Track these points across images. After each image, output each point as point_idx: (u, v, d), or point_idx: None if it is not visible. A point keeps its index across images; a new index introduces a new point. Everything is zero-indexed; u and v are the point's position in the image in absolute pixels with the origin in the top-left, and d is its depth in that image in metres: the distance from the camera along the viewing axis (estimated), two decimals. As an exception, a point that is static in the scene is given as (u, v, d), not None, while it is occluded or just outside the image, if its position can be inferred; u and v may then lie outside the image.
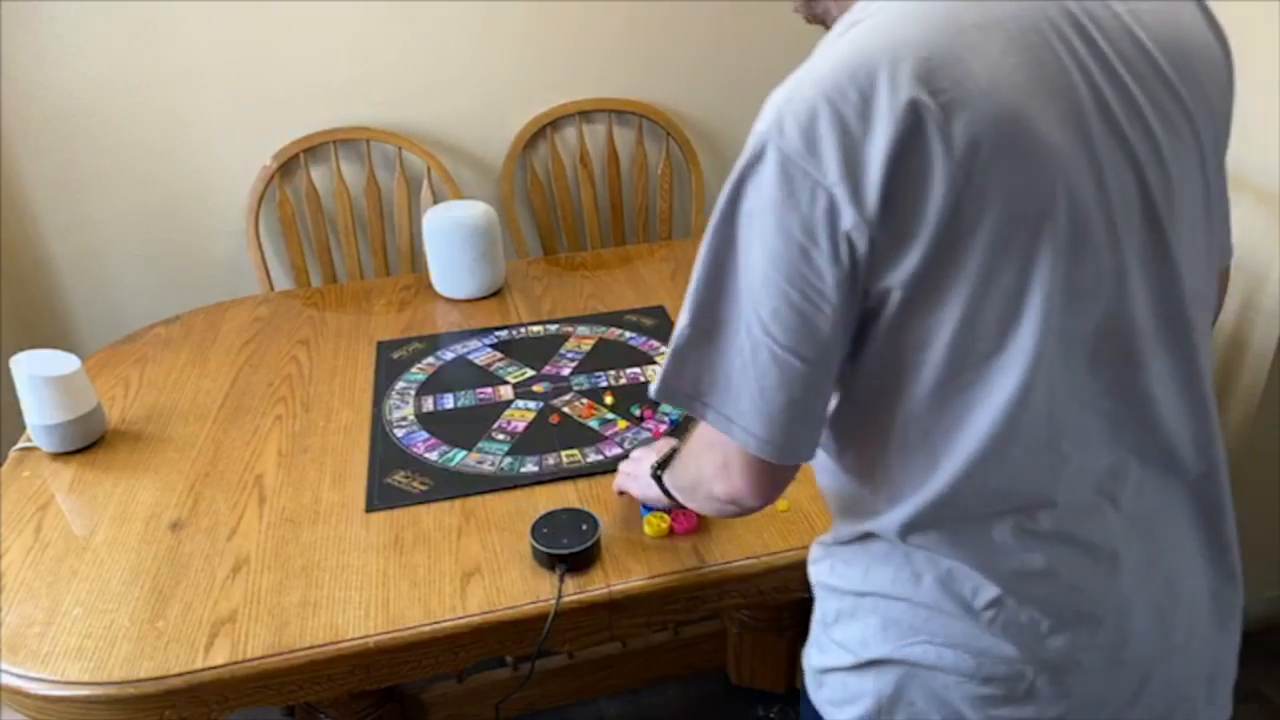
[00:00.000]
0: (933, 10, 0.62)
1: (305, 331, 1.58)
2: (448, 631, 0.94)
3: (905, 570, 0.72)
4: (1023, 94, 0.60)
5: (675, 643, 1.75)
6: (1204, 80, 0.69)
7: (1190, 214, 0.68)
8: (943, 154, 0.58)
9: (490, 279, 1.67)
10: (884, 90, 0.58)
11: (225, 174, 1.97)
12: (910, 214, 0.60)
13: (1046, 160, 0.60)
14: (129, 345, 1.55)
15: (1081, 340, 0.65)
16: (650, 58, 2.11)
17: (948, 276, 0.61)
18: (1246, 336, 1.59)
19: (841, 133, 0.59)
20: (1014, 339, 0.62)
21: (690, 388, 0.69)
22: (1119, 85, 0.64)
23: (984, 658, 0.70)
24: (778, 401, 0.66)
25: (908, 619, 0.72)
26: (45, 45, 1.78)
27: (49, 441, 1.24)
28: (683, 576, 1.00)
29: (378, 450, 1.23)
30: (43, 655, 0.92)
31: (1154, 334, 0.67)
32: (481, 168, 2.11)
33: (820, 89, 0.60)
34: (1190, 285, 0.68)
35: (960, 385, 0.65)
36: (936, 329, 0.63)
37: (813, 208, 0.60)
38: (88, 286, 2.00)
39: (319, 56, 1.92)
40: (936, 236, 0.60)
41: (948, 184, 0.59)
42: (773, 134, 0.62)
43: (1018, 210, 0.60)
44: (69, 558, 1.06)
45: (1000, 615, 0.69)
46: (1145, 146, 0.65)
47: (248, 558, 1.04)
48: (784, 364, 0.64)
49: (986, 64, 0.60)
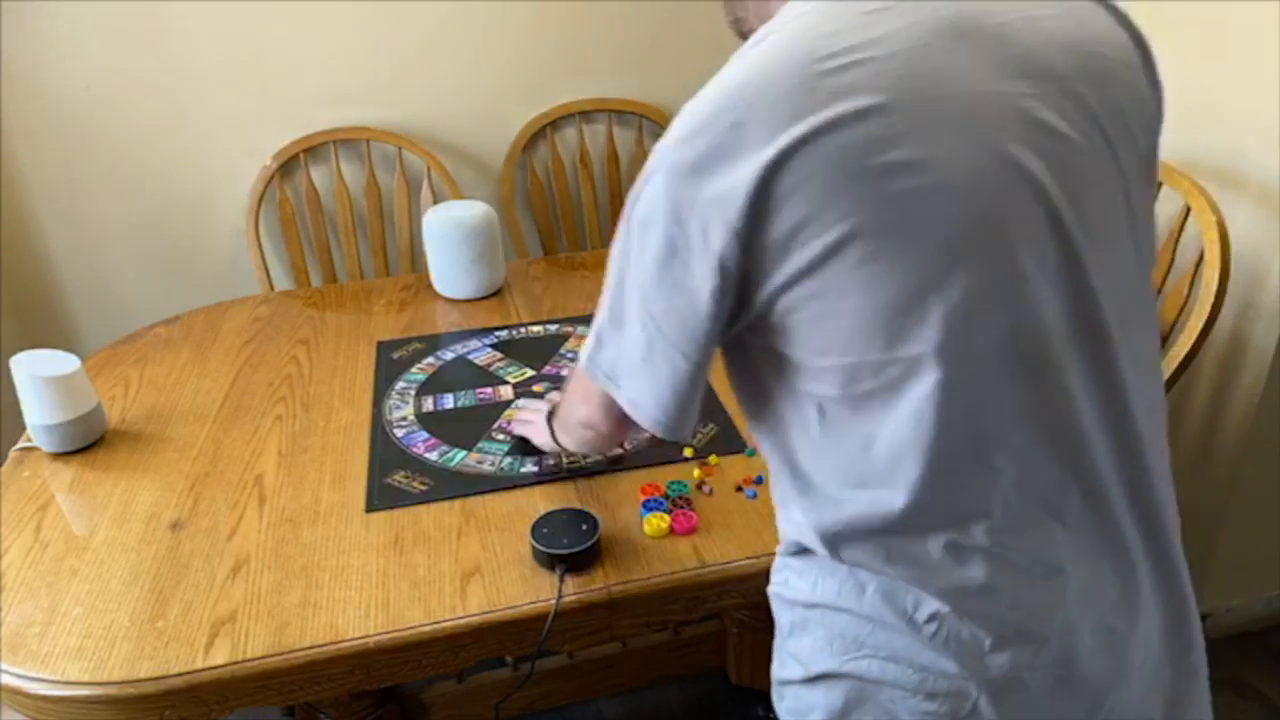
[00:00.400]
0: (818, 31, 0.64)
1: (305, 331, 1.58)
2: (448, 631, 0.94)
3: (849, 582, 0.72)
4: (897, 112, 0.61)
5: (675, 643, 1.75)
6: (1113, 84, 0.69)
7: (1107, 220, 0.68)
8: (809, 177, 0.60)
9: (490, 279, 1.67)
10: (755, 119, 0.61)
11: (225, 174, 1.97)
12: (780, 232, 0.62)
13: (926, 173, 0.61)
14: (129, 345, 1.55)
15: (993, 350, 0.64)
16: (650, 58, 2.11)
17: (830, 290, 0.63)
18: (1246, 336, 1.59)
19: (718, 156, 0.63)
20: (911, 349, 0.63)
21: (608, 367, 0.77)
22: (1014, 94, 0.64)
23: (927, 673, 0.69)
24: (668, 393, 0.73)
25: (852, 632, 0.72)
26: (45, 45, 1.78)
27: (49, 441, 1.24)
28: (683, 576, 1.00)
29: (378, 450, 1.23)
30: (43, 655, 0.92)
31: (1069, 343, 0.66)
32: (481, 168, 2.11)
33: (707, 111, 0.64)
34: (1107, 292, 0.67)
35: (864, 395, 0.66)
36: (827, 341, 0.65)
37: (692, 226, 0.65)
38: (88, 287, 2.00)
39: (319, 56, 1.92)
40: (809, 252, 0.62)
41: (818, 202, 0.61)
42: (664, 148, 0.66)
43: (896, 223, 0.61)
44: (69, 558, 1.06)
45: (941, 630, 0.69)
46: (1044, 154, 0.64)
47: (248, 558, 1.04)
48: (673, 361, 0.71)
49: (864, 83, 0.61)
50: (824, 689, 0.75)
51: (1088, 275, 0.66)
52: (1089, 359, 0.67)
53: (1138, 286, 0.72)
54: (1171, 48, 1.61)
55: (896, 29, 0.63)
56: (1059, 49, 0.66)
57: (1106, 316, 0.67)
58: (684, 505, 1.08)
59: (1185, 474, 1.73)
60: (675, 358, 0.71)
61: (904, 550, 0.69)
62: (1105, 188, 0.68)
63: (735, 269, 0.65)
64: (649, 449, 1.21)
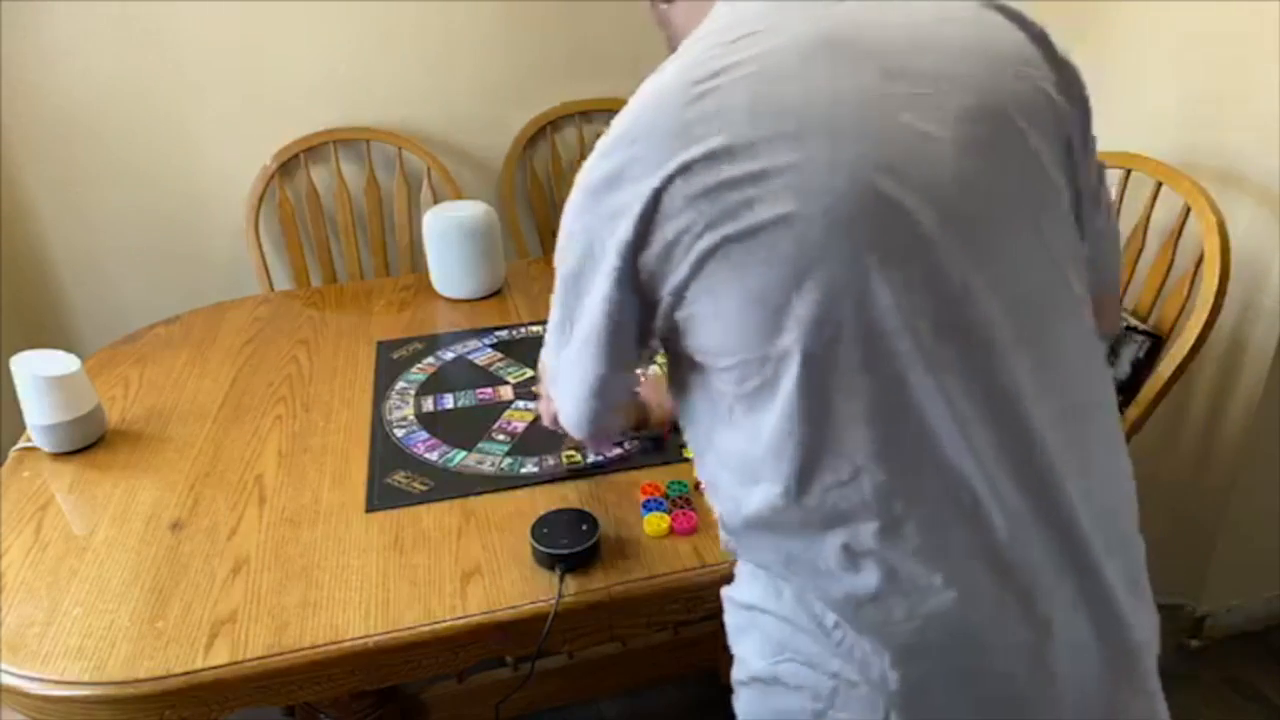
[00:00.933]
0: (707, 55, 0.68)
1: (305, 331, 1.58)
2: (448, 631, 0.94)
3: (771, 585, 0.74)
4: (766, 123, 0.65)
5: (675, 643, 1.75)
6: (1005, 82, 0.69)
7: (997, 220, 0.68)
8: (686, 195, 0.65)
9: (490, 279, 1.67)
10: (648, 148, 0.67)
11: (225, 174, 1.97)
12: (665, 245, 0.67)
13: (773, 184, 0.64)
14: (129, 345, 1.55)
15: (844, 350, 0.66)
16: (650, 58, 2.09)
17: (713, 291, 0.68)
18: (1246, 336, 1.59)
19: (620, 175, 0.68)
20: (780, 346, 0.66)
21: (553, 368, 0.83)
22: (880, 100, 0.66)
23: (838, 680, 0.70)
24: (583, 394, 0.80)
25: (778, 634, 0.74)
26: (45, 45, 1.78)
27: (49, 441, 1.24)
28: (683, 576, 1.00)
29: (378, 450, 1.23)
30: (43, 655, 0.92)
31: (932, 343, 0.65)
32: (481, 168, 2.11)
33: (617, 132, 0.70)
34: (991, 291, 0.66)
35: (752, 393, 0.70)
36: (720, 340, 0.70)
37: (597, 235, 0.71)
38: (88, 286, 2.00)
39: (319, 56, 1.92)
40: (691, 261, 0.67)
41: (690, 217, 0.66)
42: (586, 165, 0.72)
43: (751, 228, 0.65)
44: (69, 558, 1.06)
45: (845, 639, 0.69)
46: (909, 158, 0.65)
47: (248, 558, 1.04)
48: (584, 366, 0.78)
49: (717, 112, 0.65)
50: (759, 691, 0.77)
51: (954, 276, 0.66)
52: (962, 359, 0.66)
53: (1051, 285, 0.71)
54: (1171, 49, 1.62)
55: (766, 49, 0.67)
56: (939, 53, 0.68)
57: (988, 316, 0.66)
58: (684, 505, 1.08)
59: (1185, 474, 1.73)
60: (587, 363, 0.77)
61: (801, 554, 0.70)
62: (995, 187, 0.68)
63: (631, 278, 0.70)
64: (648, 448, 1.21)
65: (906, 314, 0.65)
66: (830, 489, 0.67)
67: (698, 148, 0.65)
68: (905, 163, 0.65)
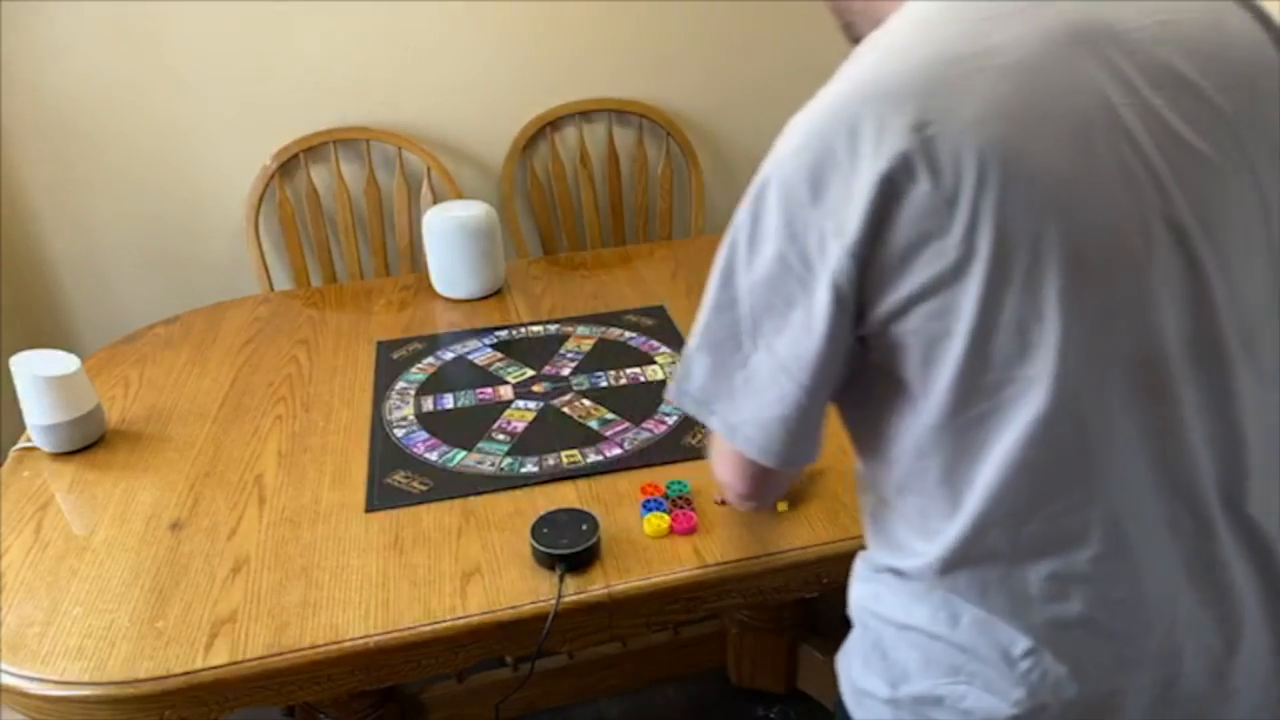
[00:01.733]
0: (929, 40, 0.62)
1: (305, 331, 1.58)
2: (448, 631, 0.94)
3: (943, 611, 0.70)
4: (1016, 123, 0.59)
5: (675, 643, 1.75)
6: (1253, 88, 0.65)
7: (1239, 234, 0.64)
8: (930, 189, 0.59)
9: (490, 279, 1.67)
10: (871, 128, 0.60)
11: (225, 174, 1.97)
12: (898, 250, 0.60)
13: (1040, 189, 0.59)
14: (129, 345, 1.55)
15: (1107, 374, 0.62)
16: (650, 58, 2.11)
17: (945, 309, 0.61)
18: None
19: (832, 168, 0.61)
20: (1027, 370, 0.61)
21: (699, 393, 0.73)
22: (1140, 105, 0.61)
23: (1021, 708, 0.67)
24: (773, 415, 0.69)
25: (948, 659, 0.70)
26: (44, 46, 1.78)
27: (49, 441, 1.24)
28: (683, 576, 1.00)
29: (378, 450, 1.23)
30: (43, 655, 0.92)
31: (1186, 365, 0.63)
32: (481, 168, 2.11)
33: (817, 122, 0.63)
34: (1233, 309, 0.63)
35: (974, 418, 0.63)
36: (939, 360, 0.63)
37: (806, 240, 0.63)
38: (88, 287, 2.00)
39: (319, 56, 1.92)
40: (927, 271, 0.60)
41: (935, 218, 0.59)
42: (776, 162, 0.64)
43: (1012, 241, 0.59)
44: (69, 558, 1.06)
45: (1037, 668, 0.67)
46: (1172, 166, 0.61)
47: (248, 558, 1.04)
48: (779, 383, 0.68)
49: (979, 94, 0.59)
50: (910, 709, 0.73)
51: (1213, 292, 0.62)
52: (1205, 382, 0.64)
53: (1270, 302, 0.67)
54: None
55: (1016, 36, 0.61)
56: (1191, 55, 0.63)
57: (1229, 335, 0.63)
58: (684, 505, 1.08)
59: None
60: (783, 381, 0.68)
61: (1003, 583, 0.66)
62: (1239, 199, 0.64)
63: (850, 287, 0.62)
64: (650, 448, 1.21)
65: (1170, 333, 0.62)
66: (1060, 518, 0.64)
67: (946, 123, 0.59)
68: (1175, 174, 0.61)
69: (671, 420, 1.27)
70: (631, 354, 1.45)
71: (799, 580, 1.04)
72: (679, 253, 1.85)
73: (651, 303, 1.62)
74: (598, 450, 1.21)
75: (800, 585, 1.04)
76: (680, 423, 1.26)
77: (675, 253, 1.86)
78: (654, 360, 1.43)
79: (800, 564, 1.02)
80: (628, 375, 1.39)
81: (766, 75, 2.18)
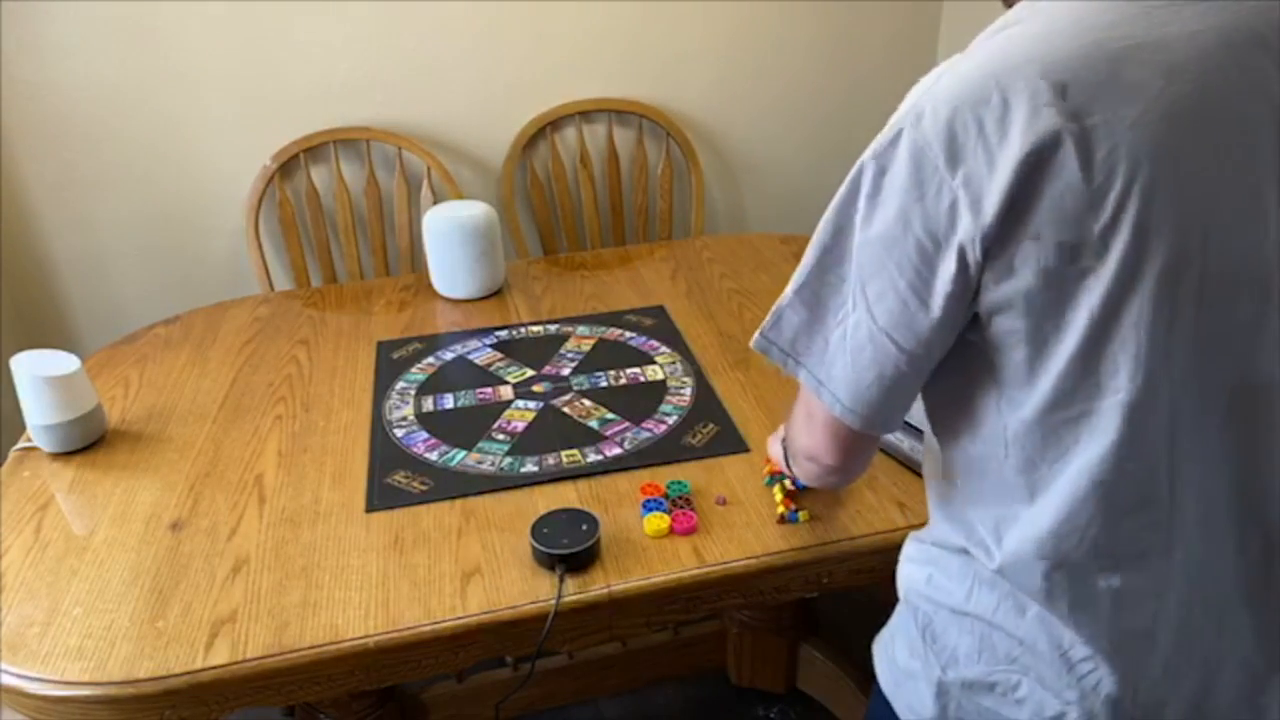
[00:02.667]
0: (1094, 27, 0.58)
1: (305, 331, 1.58)
2: (448, 631, 0.94)
3: (1009, 601, 0.69)
4: (1177, 128, 0.56)
5: (675, 643, 1.75)
6: None
7: None
8: (1077, 180, 0.56)
9: (490, 279, 1.67)
10: (1024, 104, 0.57)
11: (225, 174, 1.97)
12: (1030, 235, 0.58)
13: (1191, 200, 0.56)
14: (129, 345, 1.55)
15: (1213, 393, 0.60)
16: (650, 58, 2.11)
17: (1064, 304, 0.59)
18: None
19: (976, 137, 0.58)
20: (1133, 381, 0.59)
21: (788, 345, 0.72)
22: None
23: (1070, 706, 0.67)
24: (867, 376, 0.67)
25: (1006, 648, 0.69)
26: (45, 46, 1.78)
27: (49, 441, 1.24)
28: (682, 576, 1.00)
29: (378, 450, 1.23)
30: (43, 655, 0.92)
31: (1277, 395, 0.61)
32: (481, 168, 2.11)
33: (964, 88, 0.59)
34: None
35: (1069, 419, 0.62)
36: (1048, 355, 0.61)
37: (936, 204, 0.60)
38: (88, 286, 2.00)
39: (319, 57, 1.92)
40: (1056, 262, 0.58)
41: (1076, 211, 0.57)
42: (909, 122, 0.61)
43: (1150, 249, 0.57)
44: (69, 558, 1.06)
45: (1094, 674, 0.67)
46: None
47: (248, 558, 1.04)
48: (879, 344, 0.65)
49: (1146, 92, 0.56)
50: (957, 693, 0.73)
51: None
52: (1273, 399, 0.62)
53: None
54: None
55: (1192, 31, 0.57)
56: None
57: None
58: (684, 505, 1.08)
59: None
60: (885, 344, 0.65)
61: (1070, 587, 0.66)
62: None
63: (976, 261, 0.60)
64: (650, 448, 1.21)
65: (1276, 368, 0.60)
66: (1137, 529, 0.63)
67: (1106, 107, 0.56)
68: None
69: (671, 420, 1.27)
70: (631, 354, 1.45)
71: (799, 580, 1.04)
72: (679, 253, 1.85)
73: (651, 303, 1.62)
74: (598, 450, 1.21)
75: (800, 585, 1.04)
76: (680, 423, 1.26)
77: (675, 253, 1.86)
78: (654, 360, 1.43)
79: (800, 564, 1.02)
80: (628, 375, 1.39)
81: (767, 76, 2.18)
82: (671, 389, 1.35)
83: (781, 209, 2.31)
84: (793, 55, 2.17)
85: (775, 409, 1.28)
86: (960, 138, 0.58)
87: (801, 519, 1.06)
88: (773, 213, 2.31)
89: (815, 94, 2.22)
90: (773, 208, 2.31)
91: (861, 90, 2.25)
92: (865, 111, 2.26)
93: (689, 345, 1.46)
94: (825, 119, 2.25)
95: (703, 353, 1.44)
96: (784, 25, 2.13)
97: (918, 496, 1.09)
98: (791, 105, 2.22)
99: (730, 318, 1.55)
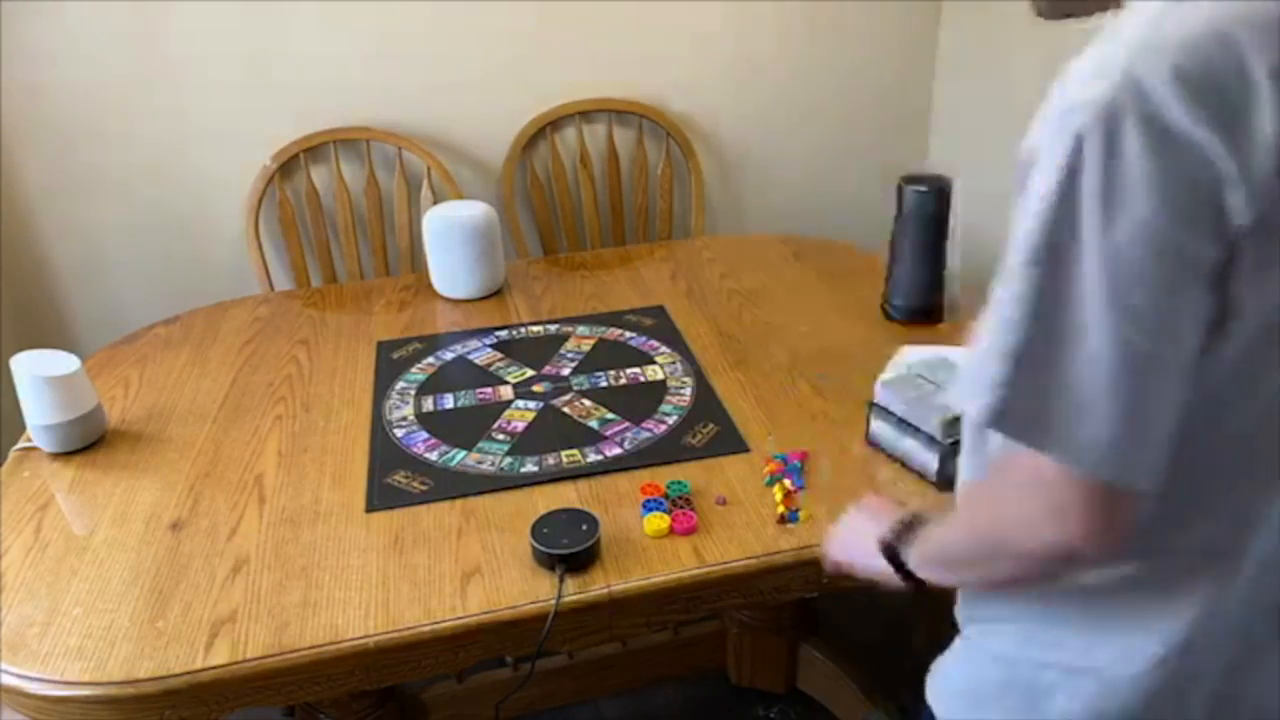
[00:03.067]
0: None
1: (305, 331, 1.58)
2: (448, 631, 0.94)
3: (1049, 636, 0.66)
4: None
5: (675, 643, 1.75)
6: None
7: None
8: None
9: (490, 279, 1.67)
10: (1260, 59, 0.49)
11: (225, 174, 1.96)
12: None
13: None
14: (129, 345, 1.55)
15: None
16: (651, 58, 2.10)
17: None
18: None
19: (1221, 101, 0.49)
20: None
21: (1034, 411, 0.55)
22: None
23: None
24: (1143, 416, 0.53)
25: None
26: (45, 46, 1.78)
27: (49, 441, 1.24)
28: (683, 576, 1.00)
29: (378, 450, 1.23)
30: (43, 655, 0.92)
31: None
32: (481, 168, 2.11)
33: (1184, 52, 0.50)
34: None
35: None
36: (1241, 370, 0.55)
37: (1195, 183, 0.50)
38: (88, 287, 2.00)
39: (319, 57, 1.92)
40: None
41: None
42: (1128, 97, 0.50)
43: None
44: (69, 558, 1.06)
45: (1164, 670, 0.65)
46: None
47: (248, 558, 1.04)
48: (1149, 370, 0.53)
49: None
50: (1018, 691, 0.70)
51: None
52: None
53: None
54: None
55: None
56: None
57: None
58: (683, 505, 1.08)
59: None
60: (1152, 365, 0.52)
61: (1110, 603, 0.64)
62: None
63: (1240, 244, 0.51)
64: (650, 448, 1.21)
65: None
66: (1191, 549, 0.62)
67: None
68: None
69: (671, 420, 1.27)
70: (631, 354, 1.45)
71: (799, 580, 1.04)
72: (679, 253, 1.85)
73: (651, 303, 1.62)
74: (598, 450, 1.21)
75: (800, 585, 1.04)
76: (680, 423, 1.26)
77: (675, 253, 1.86)
78: (654, 360, 1.43)
79: (800, 564, 1.02)
80: (628, 375, 1.39)
81: (767, 76, 2.18)
82: (671, 389, 1.35)
83: (781, 209, 2.30)
84: (793, 56, 2.17)
85: (775, 409, 1.28)
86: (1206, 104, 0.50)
87: (801, 519, 1.06)
88: (773, 213, 2.31)
89: (815, 94, 2.22)
90: (772, 208, 2.31)
91: (862, 91, 2.25)
92: (866, 112, 2.26)
93: (689, 345, 1.46)
94: (825, 119, 2.25)
95: (703, 353, 1.44)
96: (784, 25, 2.13)
97: (918, 497, 1.09)
98: (792, 106, 2.22)
99: (730, 318, 1.55)
